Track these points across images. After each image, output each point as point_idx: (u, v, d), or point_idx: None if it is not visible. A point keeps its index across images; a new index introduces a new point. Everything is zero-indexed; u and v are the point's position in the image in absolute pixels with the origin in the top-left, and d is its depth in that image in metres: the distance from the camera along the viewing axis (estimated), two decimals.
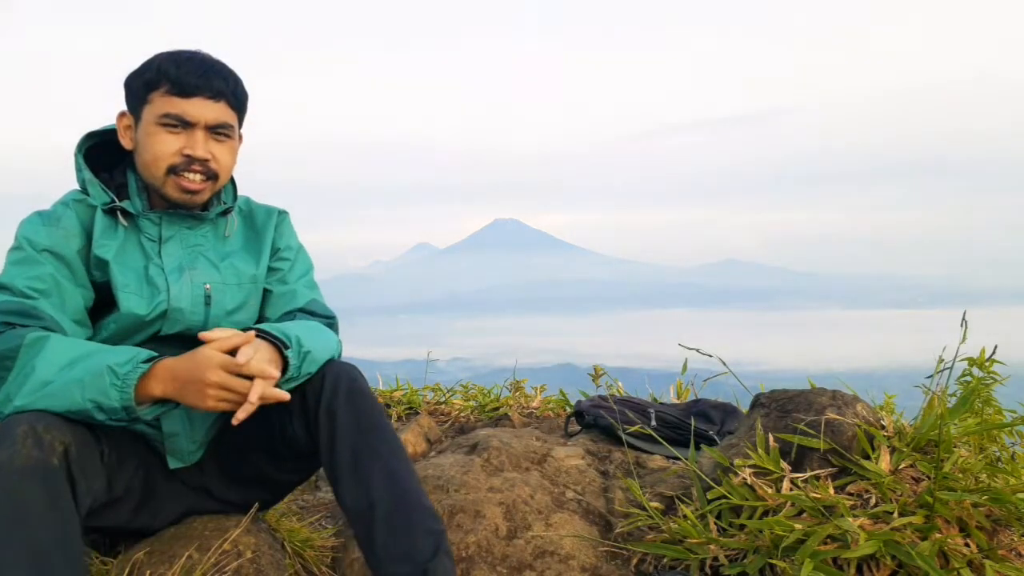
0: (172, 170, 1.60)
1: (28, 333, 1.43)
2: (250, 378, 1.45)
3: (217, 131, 1.62)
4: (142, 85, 1.60)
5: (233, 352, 1.46)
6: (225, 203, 1.75)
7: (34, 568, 1.25)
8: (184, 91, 1.57)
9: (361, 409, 1.58)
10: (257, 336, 1.52)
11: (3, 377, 1.41)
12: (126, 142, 1.66)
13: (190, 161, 1.60)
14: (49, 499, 1.29)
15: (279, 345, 1.53)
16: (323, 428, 1.57)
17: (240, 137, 1.72)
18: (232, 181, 1.78)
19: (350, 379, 1.61)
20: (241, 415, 1.45)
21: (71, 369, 1.40)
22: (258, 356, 1.47)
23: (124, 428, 1.57)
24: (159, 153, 1.59)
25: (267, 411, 1.64)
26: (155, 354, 1.47)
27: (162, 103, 1.58)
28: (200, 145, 1.60)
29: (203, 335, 1.47)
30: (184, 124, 1.59)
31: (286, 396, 1.49)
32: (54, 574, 1.26)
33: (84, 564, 1.34)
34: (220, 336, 1.47)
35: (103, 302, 1.61)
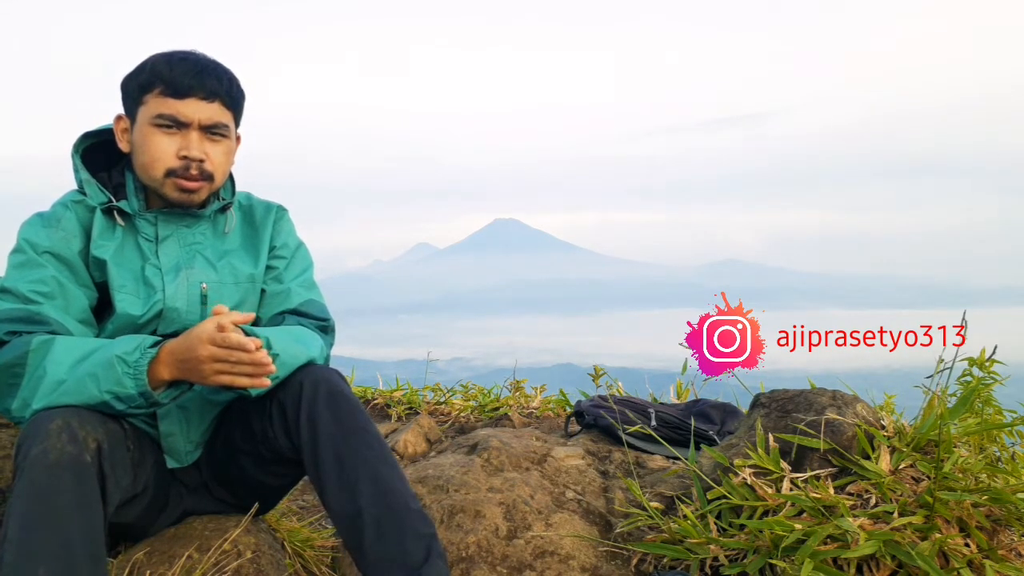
0: (170, 173, 1.60)
1: (33, 338, 1.44)
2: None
3: (212, 131, 1.61)
4: (136, 87, 1.60)
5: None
6: (224, 199, 1.74)
7: (58, 565, 1.25)
8: (178, 92, 1.57)
9: (343, 414, 1.55)
10: None
11: (16, 384, 1.42)
12: (124, 145, 1.65)
13: (187, 165, 1.59)
14: (80, 497, 1.30)
15: None
16: (304, 435, 1.54)
17: (238, 137, 1.72)
18: (231, 177, 1.77)
19: (329, 383, 1.57)
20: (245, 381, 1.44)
21: (81, 365, 1.41)
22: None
23: (140, 423, 1.59)
24: (156, 155, 1.59)
25: (248, 417, 1.65)
26: (159, 339, 1.48)
27: (156, 104, 1.57)
28: (195, 145, 1.59)
29: (214, 310, 1.46)
30: (178, 124, 1.58)
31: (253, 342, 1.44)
32: (79, 572, 1.27)
33: (106, 564, 1.34)
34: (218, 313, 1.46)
35: (104, 302, 1.61)
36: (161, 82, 1.57)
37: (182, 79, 1.56)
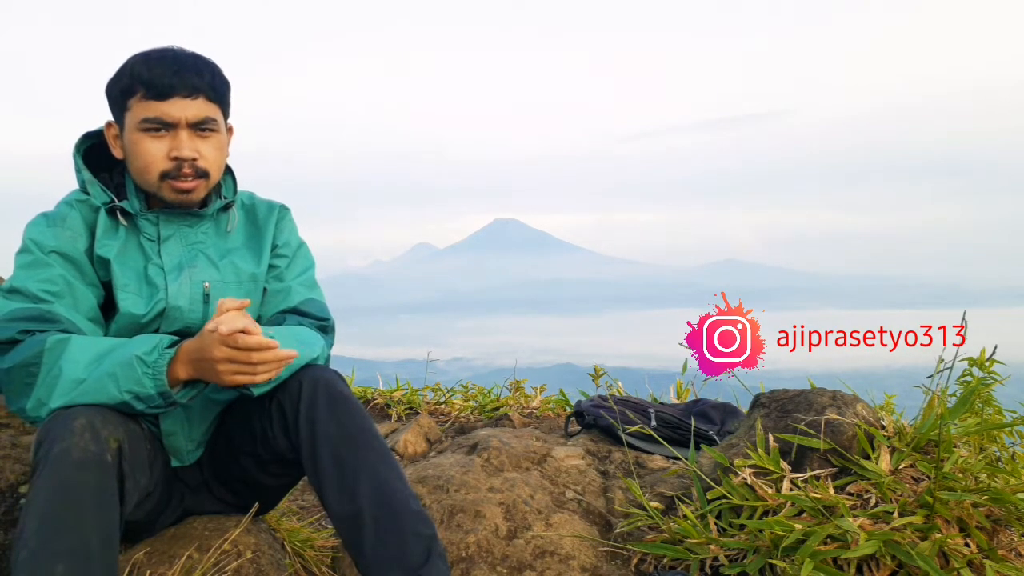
0: (164, 176, 1.59)
1: (48, 337, 1.43)
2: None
3: (200, 128, 1.60)
4: (119, 93, 1.59)
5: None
6: (226, 198, 1.74)
7: (76, 563, 1.25)
8: (159, 93, 1.54)
9: (343, 415, 1.54)
10: None
11: (31, 383, 1.41)
12: (117, 152, 1.64)
13: (180, 166, 1.58)
14: (100, 496, 1.30)
15: None
16: (304, 436, 1.54)
17: (230, 129, 1.70)
18: (232, 175, 1.77)
19: (329, 384, 1.57)
20: (261, 378, 1.44)
21: (99, 365, 1.41)
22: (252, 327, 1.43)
23: (145, 422, 1.59)
24: (148, 160, 1.58)
25: (248, 417, 1.65)
26: (176, 338, 1.48)
27: (141, 109, 1.56)
28: (185, 145, 1.58)
29: (219, 304, 1.45)
30: (165, 126, 1.57)
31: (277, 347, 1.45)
32: (93, 571, 1.26)
33: (118, 564, 1.34)
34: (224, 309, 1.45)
35: (111, 301, 1.61)
36: (142, 85, 1.55)
37: (162, 79, 1.54)
